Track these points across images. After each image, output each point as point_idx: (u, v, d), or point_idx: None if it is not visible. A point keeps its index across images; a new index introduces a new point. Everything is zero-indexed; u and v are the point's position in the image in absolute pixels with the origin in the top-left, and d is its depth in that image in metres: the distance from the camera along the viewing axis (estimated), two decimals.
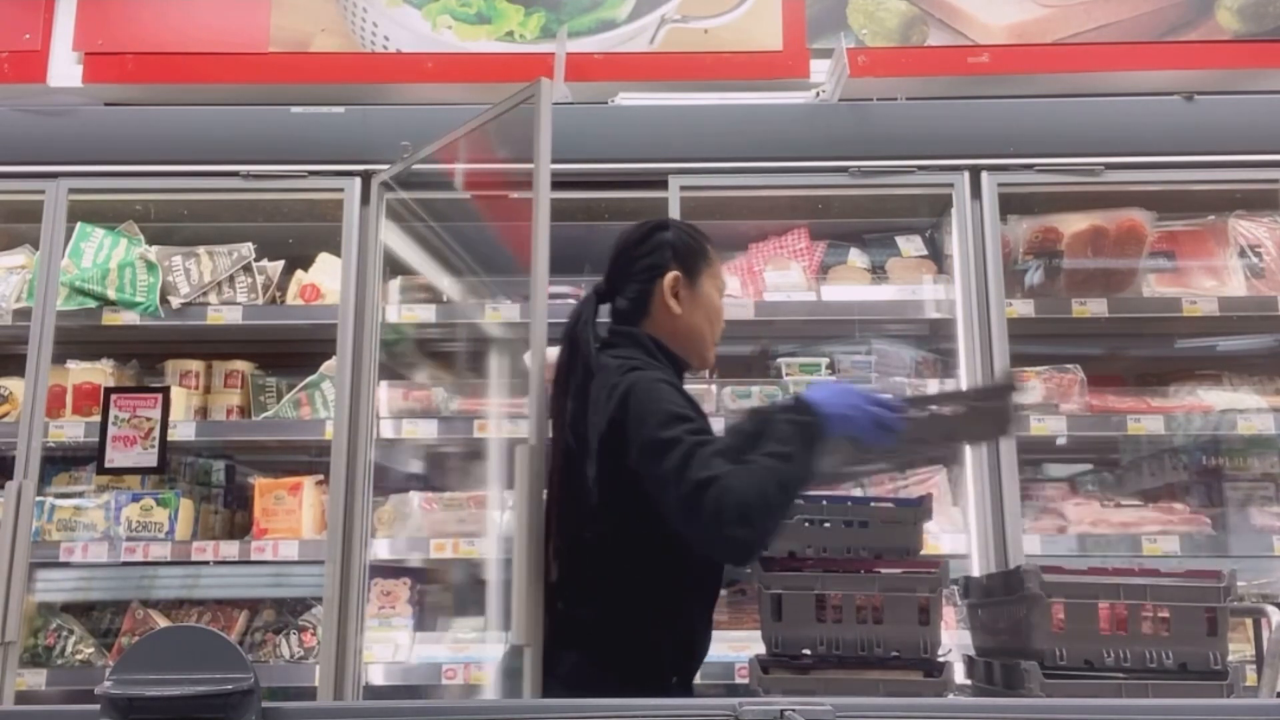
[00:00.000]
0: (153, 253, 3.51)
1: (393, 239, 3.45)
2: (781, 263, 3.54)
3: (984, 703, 1.83)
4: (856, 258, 3.59)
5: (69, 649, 3.33)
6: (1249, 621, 2.43)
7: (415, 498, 3.40)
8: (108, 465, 3.28)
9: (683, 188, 3.32)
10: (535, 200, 2.39)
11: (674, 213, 3.28)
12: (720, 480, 1.87)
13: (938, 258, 3.56)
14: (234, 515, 3.70)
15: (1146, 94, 3.66)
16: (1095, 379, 3.44)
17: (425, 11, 4.10)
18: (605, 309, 2.29)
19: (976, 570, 3.10)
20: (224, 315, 3.44)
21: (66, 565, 3.41)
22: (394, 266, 3.51)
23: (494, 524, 3.39)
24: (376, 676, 3.21)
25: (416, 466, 3.73)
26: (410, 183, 3.37)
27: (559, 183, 3.38)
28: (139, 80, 4.01)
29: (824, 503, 2.16)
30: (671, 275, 2.22)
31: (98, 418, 3.31)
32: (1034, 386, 3.36)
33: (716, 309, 2.28)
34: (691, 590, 2.18)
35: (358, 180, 3.36)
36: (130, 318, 3.42)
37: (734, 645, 3.14)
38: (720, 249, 3.58)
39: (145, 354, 3.69)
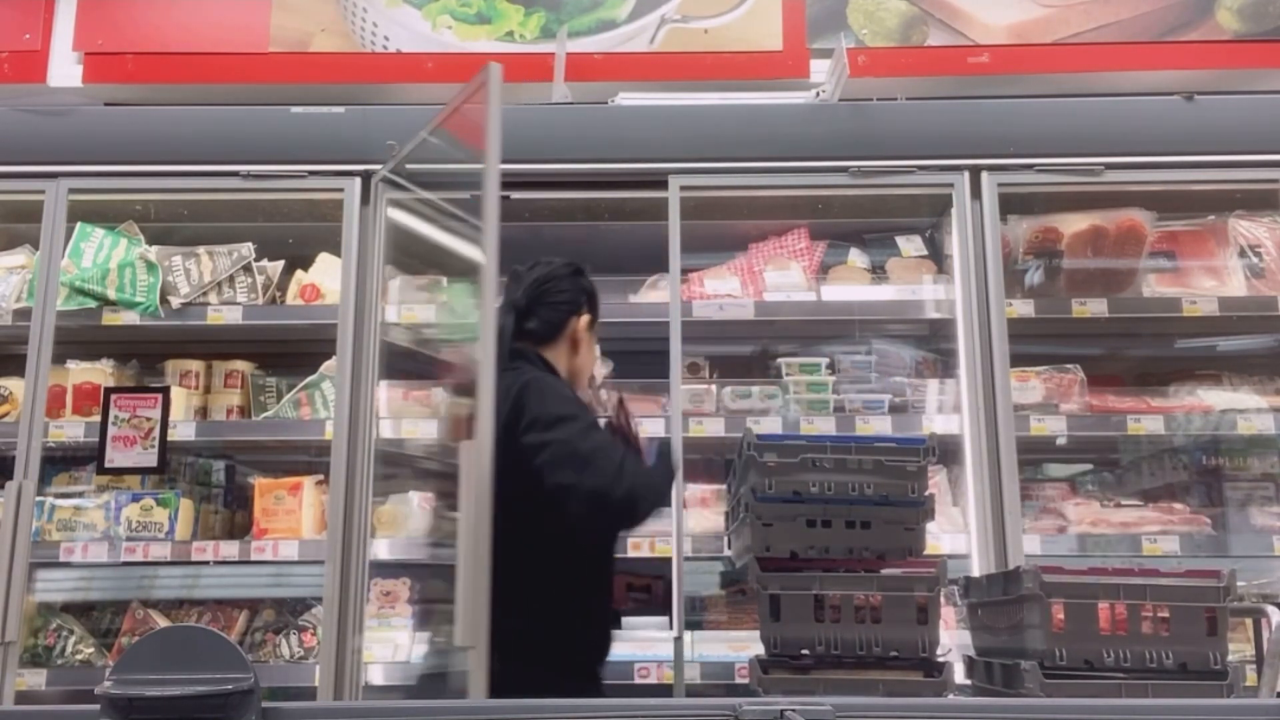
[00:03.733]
0: (153, 253, 3.51)
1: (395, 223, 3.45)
2: (781, 263, 3.54)
3: (984, 703, 1.83)
4: (856, 258, 3.59)
5: (69, 649, 3.33)
6: (1249, 621, 2.43)
7: (415, 498, 3.39)
8: (108, 465, 3.28)
9: (683, 188, 3.32)
10: (485, 189, 2.39)
11: (674, 213, 3.28)
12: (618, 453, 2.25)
13: (938, 258, 3.56)
14: (234, 515, 3.69)
15: (1146, 94, 3.66)
16: (1095, 379, 3.44)
17: (425, 11, 4.11)
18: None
19: (976, 570, 3.10)
20: (224, 315, 3.44)
21: (66, 565, 3.41)
22: (396, 264, 3.51)
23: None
24: (376, 676, 3.21)
25: (416, 466, 3.72)
26: (410, 180, 3.37)
27: (559, 183, 3.41)
28: (139, 80, 4.01)
29: (825, 505, 2.16)
30: (586, 317, 2.52)
31: (98, 418, 3.31)
32: (1034, 386, 3.36)
33: (593, 359, 2.60)
34: (589, 582, 2.32)
35: (358, 180, 3.36)
36: (130, 318, 3.42)
37: (734, 645, 3.15)
38: (720, 249, 3.64)
39: (145, 354, 3.69)
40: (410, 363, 3.56)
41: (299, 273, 3.58)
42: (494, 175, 2.40)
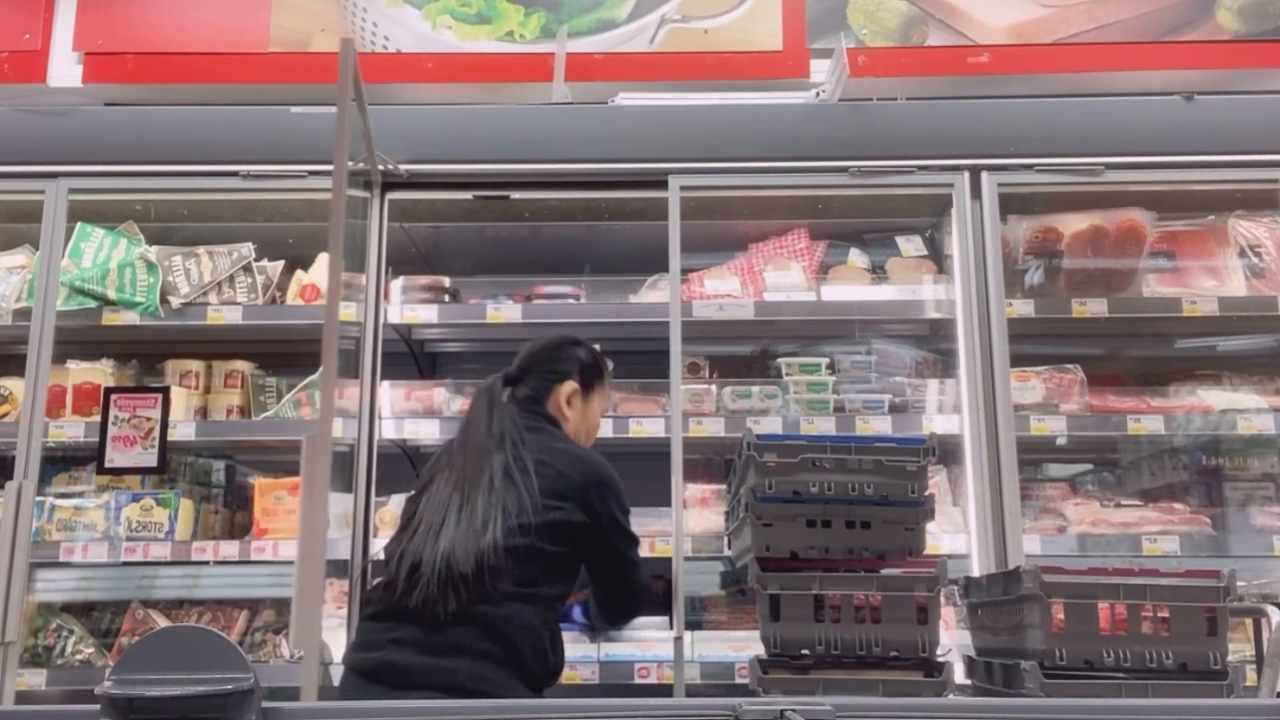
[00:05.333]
0: (153, 253, 3.51)
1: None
2: (781, 263, 3.54)
3: (984, 703, 1.83)
4: (856, 258, 3.59)
5: (69, 649, 3.33)
6: (1249, 621, 2.43)
7: None
8: (108, 465, 3.28)
9: (683, 188, 3.32)
10: (335, 178, 2.38)
11: (674, 213, 3.28)
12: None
13: (938, 258, 3.56)
14: (234, 515, 3.70)
15: (1146, 94, 3.66)
16: (1095, 379, 3.44)
17: (425, 11, 4.11)
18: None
19: (976, 570, 3.10)
20: (224, 315, 3.44)
21: (66, 565, 3.41)
22: (395, 267, 3.51)
23: None
24: None
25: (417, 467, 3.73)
26: (411, 183, 3.37)
27: (560, 183, 3.41)
28: (139, 80, 4.01)
29: (824, 505, 2.16)
30: (570, 384, 2.57)
31: (98, 418, 3.31)
32: (1034, 386, 3.36)
33: (595, 425, 2.67)
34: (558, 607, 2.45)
35: (358, 180, 3.36)
36: (130, 318, 3.42)
37: (734, 645, 3.14)
38: (720, 249, 3.64)
39: (145, 354, 3.69)
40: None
41: (299, 273, 3.58)
42: (342, 168, 2.42)
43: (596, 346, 2.72)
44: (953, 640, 2.85)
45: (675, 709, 1.41)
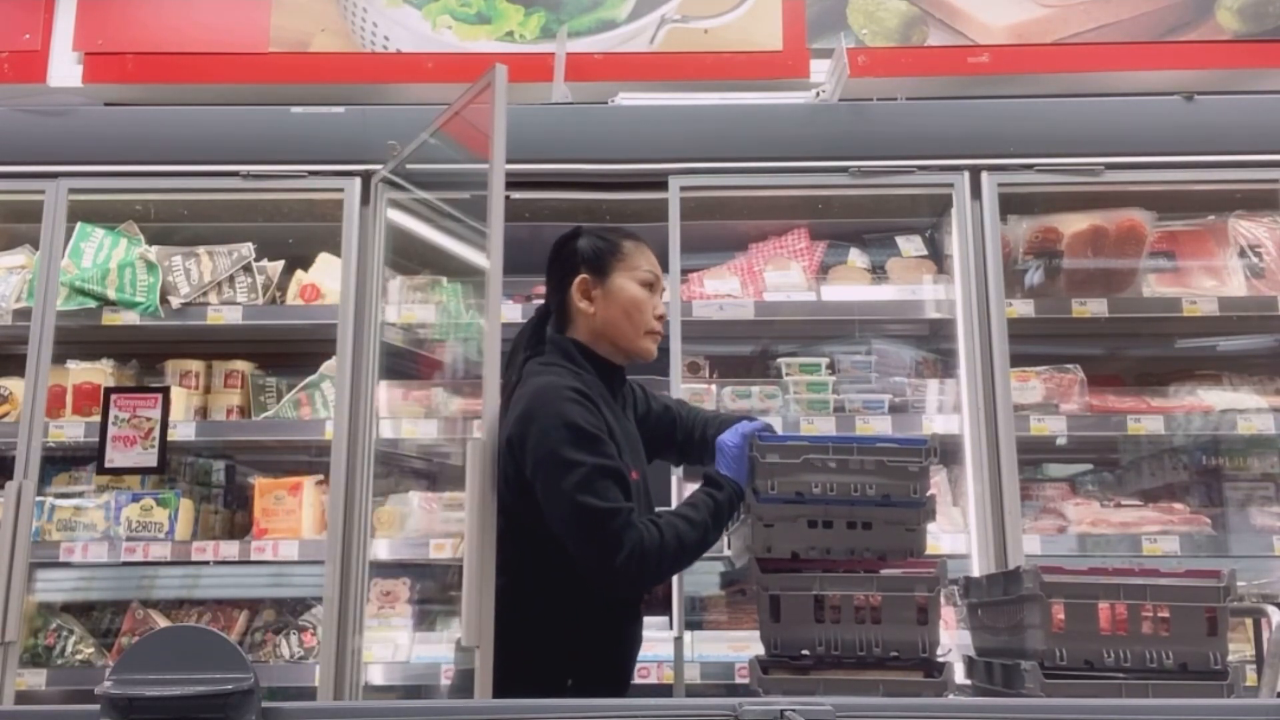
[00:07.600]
0: (153, 253, 3.51)
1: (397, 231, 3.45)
2: (781, 263, 3.54)
3: (984, 703, 1.83)
4: (856, 258, 3.59)
5: (69, 649, 3.33)
6: (1249, 621, 2.43)
7: (415, 498, 3.40)
8: (108, 465, 3.28)
9: (683, 188, 3.31)
10: (490, 189, 2.37)
11: (674, 213, 3.28)
12: (623, 515, 2.06)
13: (938, 258, 3.56)
14: (234, 515, 3.70)
15: (1146, 94, 3.66)
16: (1095, 379, 3.44)
17: (425, 11, 4.11)
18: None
19: (976, 570, 3.11)
20: (224, 315, 3.44)
21: (66, 565, 3.41)
22: (394, 266, 3.51)
23: None
24: (376, 676, 3.21)
25: (416, 466, 3.73)
26: (410, 180, 3.37)
27: (560, 183, 3.41)
28: (139, 80, 4.01)
29: (826, 505, 2.16)
30: (579, 279, 2.32)
31: (98, 418, 3.31)
32: (1034, 386, 3.36)
33: (633, 299, 2.31)
34: (587, 595, 2.15)
35: (358, 180, 3.36)
36: (130, 318, 3.42)
37: (734, 645, 3.15)
38: (720, 249, 3.64)
39: (145, 354, 3.69)
40: (410, 363, 3.57)
41: (299, 273, 3.58)
42: (499, 177, 2.39)
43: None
44: (953, 640, 2.85)
45: (675, 709, 1.41)
